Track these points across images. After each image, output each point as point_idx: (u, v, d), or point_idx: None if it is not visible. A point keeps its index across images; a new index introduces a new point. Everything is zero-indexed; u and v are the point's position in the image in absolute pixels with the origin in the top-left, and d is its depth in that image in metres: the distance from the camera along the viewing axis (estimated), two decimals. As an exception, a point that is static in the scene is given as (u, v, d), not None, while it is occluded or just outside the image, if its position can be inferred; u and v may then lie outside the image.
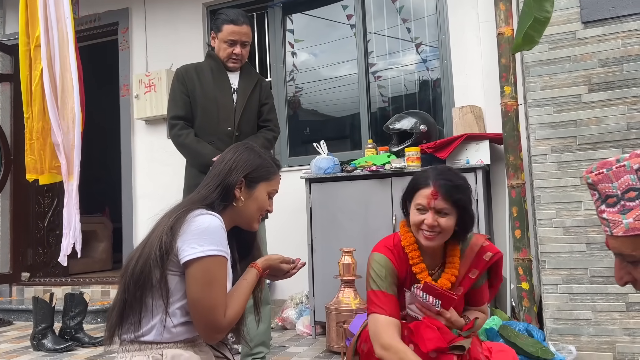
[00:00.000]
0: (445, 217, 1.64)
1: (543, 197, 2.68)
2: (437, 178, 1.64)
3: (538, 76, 2.73)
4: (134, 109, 4.40)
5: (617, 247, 0.97)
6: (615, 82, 2.59)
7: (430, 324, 1.63)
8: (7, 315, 4.33)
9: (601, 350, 2.53)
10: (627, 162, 0.93)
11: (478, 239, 1.77)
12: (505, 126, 2.84)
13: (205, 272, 1.37)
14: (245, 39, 2.59)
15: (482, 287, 1.82)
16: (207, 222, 1.41)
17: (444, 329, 1.63)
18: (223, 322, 1.40)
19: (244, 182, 1.54)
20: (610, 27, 2.61)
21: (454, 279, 1.72)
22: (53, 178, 3.43)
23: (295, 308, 3.58)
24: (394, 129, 3.26)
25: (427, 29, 3.80)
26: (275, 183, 1.61)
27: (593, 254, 2.57)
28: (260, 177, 1.56)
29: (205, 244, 1.37)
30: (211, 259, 1.37)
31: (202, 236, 1.38)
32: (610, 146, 2.58)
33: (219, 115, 2.55)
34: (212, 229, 1.40)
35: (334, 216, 3.23)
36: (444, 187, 1.62)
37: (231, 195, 1.52)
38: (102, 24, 4.70)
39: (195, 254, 1.36)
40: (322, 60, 4.18)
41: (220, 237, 1.41)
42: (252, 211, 1.56)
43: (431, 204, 1.63)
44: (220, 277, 1.40)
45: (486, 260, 1.74)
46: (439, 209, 1.63)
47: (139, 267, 1.39)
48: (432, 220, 1.63)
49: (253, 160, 1.57)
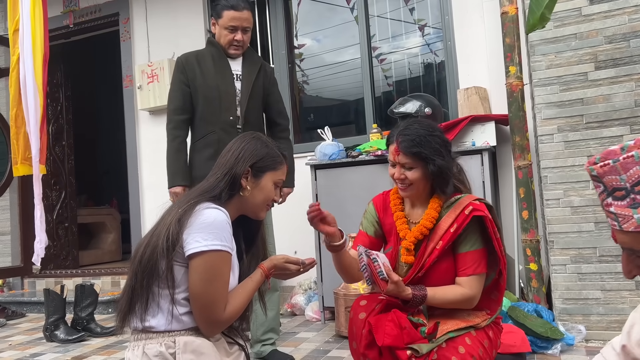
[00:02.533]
0: (411, 171, 1.70)
1: (550, 177, 2.66)
2: (400, 134, 1.70)
3: (543, 55, 2.70)
4: (137, 99, 4.40)
5: (627, 242, 0.93)
6: (622, 58, 2.55)
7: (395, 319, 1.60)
8: (20, 308, 4.39)
9: (611, 329, 2.52)
10: (636, 153, 0.88)
11: (469, 197, 1.72)
12: (511, 107, 2.81)
13: (207, 266, 1.39)
14: (247, 24, 2.55)
15: (469, 254, 1.67)
16: (213, 216, 1.42)
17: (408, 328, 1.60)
18: (222, 317, 1.42)
19: (250, 172, 1.54)
20: (616, 2, 2.57)
21: (426, 231, 1.71)
22: (26, 170, 3.28)
23: (304, 294, 3.60)
24: (399, 113, 3.24)
25: (430, 11, 3.75)
26: (282, 173, 1.61)
27: (601, 233, 2.55)
28: (266, 166, 1.57)
29: (209, 238, 1.39)
30: (214, 253, 1.39)
31: (207, 230, 1.40)
32: (617, 124, 2.55)
33: (220, 104, 2.53)
34: (217, 223, 1.42)
35: (340, 202, 3.23)
36: (402, 143, 1.68)
37: (238, 184, 1.53)
38: (102, 15, 4.68)
39: (199, 247, 1.38)
40: (324, 46, 4.14)
41: (225, 232, 1.43)
42: (258, 201, 1.57)
43: (396, 159, 1.71)
44: (223, 272, 1.41)
45: (466, 214, 1.66)
46: (402, 163, 1.70)
47: (146, 256, 1.41)
48: (399, 174, 1.72)
49: (260, 150, 1.57)
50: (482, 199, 1.73)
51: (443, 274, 1.70)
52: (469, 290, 1.65)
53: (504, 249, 1.71)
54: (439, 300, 1.66)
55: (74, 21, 4.76)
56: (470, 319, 1.69)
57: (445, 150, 1.70)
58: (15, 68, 3.23)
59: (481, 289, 1.69)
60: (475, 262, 1.67)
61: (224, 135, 2.48)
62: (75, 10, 4.76)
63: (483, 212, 1.66)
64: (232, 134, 2.47)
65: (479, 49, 3.43)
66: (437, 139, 1.70)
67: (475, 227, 1.68)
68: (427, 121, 1.79)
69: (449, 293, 1.66)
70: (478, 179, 2.89)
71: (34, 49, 3.13)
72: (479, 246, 1.68)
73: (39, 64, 3.13)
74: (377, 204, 1.89)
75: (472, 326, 1.67)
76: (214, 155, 2.46)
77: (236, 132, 2.50)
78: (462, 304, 1.67)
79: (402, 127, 1.73)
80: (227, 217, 1.45)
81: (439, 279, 1.70)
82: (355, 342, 1.68)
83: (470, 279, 1.66)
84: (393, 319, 1.60)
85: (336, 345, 2.81)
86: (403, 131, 1.70)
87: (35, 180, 3.19)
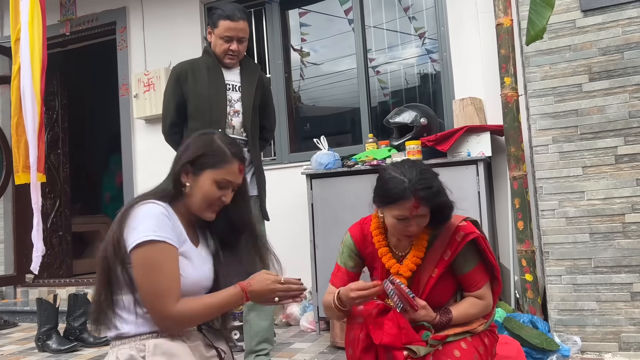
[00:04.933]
0: (424, 217, 1.65)
1: (545, 187, 2.66)
2: (417, 188, 1.59)
3: (538, 66, 2.71)
4: (133, 108, 4.40)
5: None
6: (616, 70, 2.57)
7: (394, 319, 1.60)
8: (12, 317, 4.34)
9: (606, 340, 2.52)
10: None
11: (456, 219, 1.72)
12: (506, 117, 2.82)
13: (144, 258, 1.37)
14: (242, 35, 2.54)
15: (472, 272, 1.72)
16: (145, 210, 1.42)
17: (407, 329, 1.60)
18: (172, 310, 1.37)
19: (190, 169, 1.51)
20: (610, 14, 2.59)
21: (419, 261, 1.70)
22: (27, 178, 3.28)
23: (299, 304, 3.58)
24: (395, 123, 3.25)
25: (425, 22, 3.78)
26: (225, 172, 1.51)
27: (597, 244, 2.55)
28: (205, 163, 1.51)
29: (142, 231, 1.38)
30: (149, 245, 1.37)
31: (139, 224, 1.39)
32: (612, 135, 2.56)
33: (211, 116, 2.50)
34: (148, 215, 1.41)
35: (336, 211, 3.22)
36: (425, 198, 1.60)
37: (179, 182, 1.52)
38: (99, 24, 4.69)
39: (135, 241, 1.38)
40: (321, 56, 4.16)
41: (159, 223, 1.40)
42: (197, 199, 1.51)
43: (414, 213, 1.62)
44: (162, 263, 1.38)
45: (458, 241, 1.68)
46: (421, 214, 1.63)
47: (102, 269, 1.42)
48: (417, 228, 1.64)
49: (202, 147, 1.53)
50: (467, 218, 1.74)
51: (442, 293, 1.74)
52: (486, 301, 1.74)
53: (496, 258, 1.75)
54: (463, 318, 1.71)
55: (71, 30, 4.77)
56: (467, 325, 1.72)
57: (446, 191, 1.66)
58: (16, 77, 3.24)
59: (491, 293, 1.77)
60: (481, 275, 1.75)
61: None
62: (73, 19, 4.77)
63: (474, 232, 1.69)
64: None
65: (474, 60, 3.45)
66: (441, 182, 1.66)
67: (469, 246, 1.71)
68: (421, 163, 1.73)
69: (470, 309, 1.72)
70: (473, 190, 2.89)
71: (32, 57, 3.14)
72: (478, 260, 1.74)
73: (37, 73, 3.14)
74: (354, 235, 1.84)
75: (468, 331, 1.70)
76: None
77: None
78: (482, 313, 1.75)
79: (413, 179, 1.61)
80: (162, 209, 1.44)
81: (439, 298, 1.74)
82: (351, 348, 1.68)
83: (482, 290, 1.74)
84: (392, 319, 1.61)
85: (331, 355, 2.79)
86: (419, 184, 1.60)
87: (33, 188, 3.18)
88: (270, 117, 2.78)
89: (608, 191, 2.55)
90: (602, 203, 2.56)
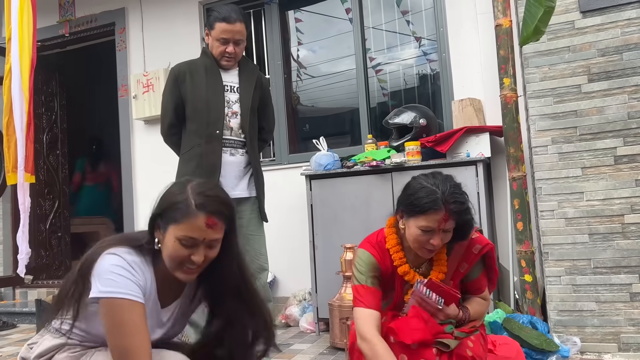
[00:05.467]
0: (449, 233, 1.63)
1: (544, 188, 2.66)
2: (448, 201, 1.57)
3: (537, 67, 2.72)
4: (132, 109, 4.39)
5: None
6: (615, 71, 2.57)
7: (417, 315, 1.62)
8: (11, 318, 4.33)
9: (606, 341, 2.52)
10: None
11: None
12: (505, 118, 2.82)
13: (107, 314, 1.30)
14: (239, 37, 2.51)
15: (479, 278, 1.81)
16: (110, 262, 1.32)
17: (431, 321, 1.63)
18: None
19: (160, 223, 1.38)
20: (609, 15, 2.59)
21: (442, 276, 1.70)
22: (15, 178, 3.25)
23: (299, 305, 3.57)
24: (394, 124, 3.25)
25: (425, 23, 3.78)
26: (187, 228, 1.33)
27: (596, 245, 2.56)
28: (169, 218, 1.35)
29: (105, 285, 1.30)
30: (109, 301, 1.29)
31: (102, 276, 1.31)
32: (611, 136, 2.56)
33: (208, 117, 2.49)
34: (112, 269, 1.31)
35: (335, 212, 3.22)
36: (456, 212, 1.57)
37: (152, 237, 1.39)
38: (98, 25, 4.68)
39: (94, 293, 1.31)
40: (320, 56, 4.16)
41: (121, 279, 1.30)
42: (166, 258, 1.37)
43: (441, 226, 1.59)
44: (127, 321, 1.28)
45: (475, 253, 1.73)
46: (447, 229, 1.61)
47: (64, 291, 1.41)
48: (440, 242, 1.61)
49: (167, 199, 1.38)
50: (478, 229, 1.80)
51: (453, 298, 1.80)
52: (488, 301, 1.87)
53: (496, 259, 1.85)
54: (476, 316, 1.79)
55: (70, 31, 4.77)
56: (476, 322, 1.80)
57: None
58: (8, 76, 3.23)
59: None
60: (484, 280, 1.83)
61: (209, 149, 2.47)
62: (71, 19, 4.76)
63: (488, 244, 1.75)
64: (217, 148, 2.47)
65: (473, 61, 3.46)
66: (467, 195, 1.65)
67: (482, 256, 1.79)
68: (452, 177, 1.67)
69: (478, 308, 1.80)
70: (473, 190, 2.89)
71: (22, 56, 3.13)
72: (482, 268, 1.81)
73: (26, 71, 3.12)
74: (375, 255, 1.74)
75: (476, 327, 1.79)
76: (197, 168, 2.46)
77: (221, 145, 2.48)
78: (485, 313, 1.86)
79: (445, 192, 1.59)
80: (129, 263, 1.33)
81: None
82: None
83: (485, 293, 1.83)
84: (416, 315, 1.62)
85: (330, 356, 2.79)
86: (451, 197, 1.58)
87: (19, 188, 3.15)
88: (269, 118, 2.77)
89: (607, 192, 2.55)
90: (602, 204, 2.56)
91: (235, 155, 2.55)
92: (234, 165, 2.54)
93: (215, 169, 2.47)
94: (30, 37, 3.14)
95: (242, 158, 2.57)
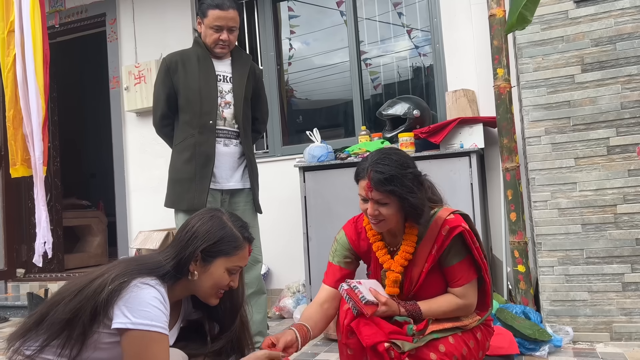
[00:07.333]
0: (385, 207, 1.63)
1: (538, 179, 2.67)
2: (371, 169, 1.61)
3: (531, 57, 2.71)
4: (124, 101, 4.36)
5: None
6: (609, 61, 2.57)
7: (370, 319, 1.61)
8: (3, 312, 4.31)
9: (598, 330, 2.53)
10: None
11: (443, 212, 1.71)
12: (499, 109, 2.82)
13: (135, 346, 1.31)
14: (232, 24, 2.49)
15: (456, 266, 1.69)
16: (148, 294, 1.34)
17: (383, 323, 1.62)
18: None
19: (199, 256, 1.44)
20: (602, 5, 2.59)
21: (409, 256, 1.70)
22: (25, 171, 3.25)
23: (292, 297, 3.57)
24: (387, 115, 3.24)
25: (418, 14, 3.76)
26: (238, 259, 1.47)
27: (588, 235, 2.56)
28: (219, 251, 1.45)
29: (140, 316, 1.31)
30: (141, 333, 1.31)
31: (138, 307, 1.32)
32: (604, 126, 2.56)
33: (201, 107, 2.47)
34: (150, 301, 1.33)
35: (329, 204, 3.21)
36: (375, 180, 1.60)
37: (186, 269, 1.43)
38: (89, 15, 4.63)
39: (125, 324, 1.31)
40: (313, 48, 4.13)
41: (156, 311, 1.33)
42: (206, 287, 1.46)
43: (369, 195, 1.63)
44: (156, 353, 1.32)
45: (443, 234, 1.66)
46: (376, 199, 1.63)
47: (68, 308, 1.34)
48: (372, 210, 1.64)
49: (214, 232, 1.45)
50: (456, 211, 1.73)
51: (434, 287, 1.73)
52: (465, 300, 1.70)
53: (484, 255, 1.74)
54: (434, 313, 1.69)
55: (60, 21, 4.71)
56: (459, 321, 1.70)
57: (417, 186, 1.64)
58: (11, 69, 3.18)
59: (476, 293, 1.73)
60: (465, 272, 1.70)
61: (202, 139, 2.45)
62: (61, 10, 4.70)
63: (459, 226, 1.66)
64: (210, 138, 2.45)
65: (467, 52, 3.45)
66: (410, 174, 1.63)
67: (456, 240, 1.68)
68: (398, 153, 1.69)
69: (443, 305, 1.70)
70: (466, 181, 2.89)
71: (35, 50, 3.10)
72: (464, 255, 1.70)
73: (40, 65, 3.09)
74: (348, 233, 1.84)
75: (459, 327, 1.68)
76: (190, 159, 2.44)
77: (214, 136, 2.47)
78: (459, 312, 1.71)
79: (373, 160, 1.64)
80: (162, 296, 1.36)
81: (431, 292, 1.73)
82: (340, 334, 1.70)
83: (463, 289, 1.70)
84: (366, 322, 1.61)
85: (324, 348, 2.79)
86: (375, 167, 1.61)
87: (38, 182, 3.14)
88: (262, 108, 2.76)
89: (600, 182, 2.56)
90: (594, 194, 2.57)
91: (229, 145, 2.53)
92: (228, 156, 2.53)
93: (209, 160, 2.45)
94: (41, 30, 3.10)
95: (236, 149, 2.55)
